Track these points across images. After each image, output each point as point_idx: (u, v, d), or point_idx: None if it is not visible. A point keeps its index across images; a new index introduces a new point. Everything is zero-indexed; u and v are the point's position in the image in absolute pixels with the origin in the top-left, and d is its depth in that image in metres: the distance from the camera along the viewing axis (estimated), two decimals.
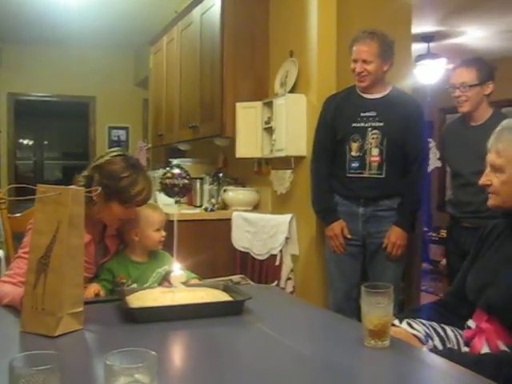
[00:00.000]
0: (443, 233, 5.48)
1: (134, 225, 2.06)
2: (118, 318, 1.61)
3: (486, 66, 2.76)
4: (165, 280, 2.05)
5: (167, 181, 1.83)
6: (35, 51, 6.98)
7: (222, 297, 1.73)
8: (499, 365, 1.34)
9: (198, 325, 1.57)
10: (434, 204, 6.74)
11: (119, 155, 1.99)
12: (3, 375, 0.89)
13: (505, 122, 1.62)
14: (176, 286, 1.74)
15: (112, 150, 2.08)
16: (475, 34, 5.72)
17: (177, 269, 1.79)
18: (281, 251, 3.36)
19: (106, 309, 1.69)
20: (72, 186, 1.69)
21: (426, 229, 5.71)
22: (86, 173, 2.00)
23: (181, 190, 1.84)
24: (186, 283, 1.80)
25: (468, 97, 2.71)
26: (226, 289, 1.81)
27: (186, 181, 1.84)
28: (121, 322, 1.58)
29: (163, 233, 2.11)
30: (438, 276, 5.30)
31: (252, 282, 3.41)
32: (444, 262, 4.46)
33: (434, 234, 6.08)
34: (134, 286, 2.00)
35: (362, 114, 2.85)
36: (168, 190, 1.82)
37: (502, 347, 1.47)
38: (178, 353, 1.46)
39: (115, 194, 1.92)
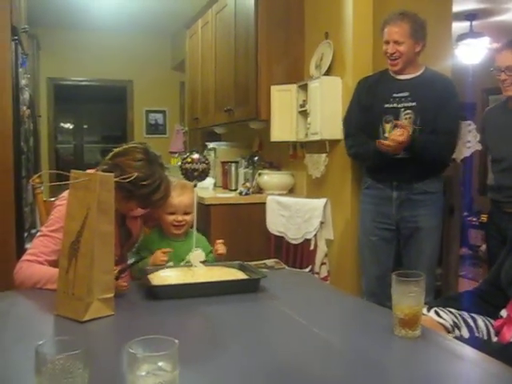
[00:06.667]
0: (484, 217, 5.34)
1: None
2: (142, 294, 1.69)
3: None
4: None
5: (187, 165, 1.85)
6: (73, 36, 7.05)
7: (239, 275, 1.83)
8: None
9: (217, 301, 1.64)
10: (474, 188, 6.57)
11: (142, 159, 1.88)
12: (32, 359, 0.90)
13: None
14: (196, 264, 1.84)
15: (134, 146, 1.95)
16: None
17: (196, 248, 1.88)
18: (315, 236, 3.33)
19: (130, 285, 1.74)
20: (90, 171, 1.71)
21: (466, 213, 5.59)
22: (105, 166, 1.89)
23: (200, 174, 1.87)
24: (205, 262, 1.88)
25: None
26: (241, 268, 1.90)
27: (205, 165, 1.87)
28: (144, 299, 1.65)
29: (179, 217, 2.08)
30: (478, 261, 5.17)
31: (286, 267, 3.41)
32: (484, 247, 4.35)
33: (474, 219, 5.94)
34: (171, 263, 2.03)
35: (395, 95, 2.82)
36: (188, 174, 1.86)
37: None
38: (198, 330, 1.50)
39: (135, 198, 1.88)
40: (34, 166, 4.23)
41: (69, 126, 11.35)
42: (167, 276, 1.78)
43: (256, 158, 4.30)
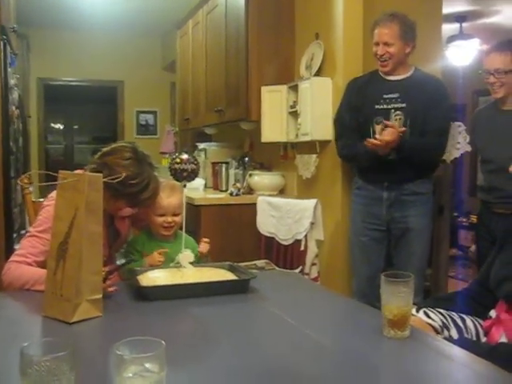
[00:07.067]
0: (473, 218, 5.36)
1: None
2: (131, 295, 1.68)
3: None
4: None
5: (176, 166, 1.84)
6: (63, 36, 7.02)
7: (229, 276, 1.82)
8: None
9: (206, 302, 1.63)
10: (464, 189, 6.60)
11: (130, 157, 1.87)
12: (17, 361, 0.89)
13: None
14: (185, 265, 1.83)
15: (122, 145, 1.94)
16: (510, 13, 5.52)
17: (185, 249, 1.88)
18: (306, 236, 3.33)
19: (118, 286, 1.73)
20: (78, 171, 1.70)
21: (456, 214, 5.60)
22: (93, 165, 1.89)
23: (189, 175, 1.86)
24: (193, 263, 1.88)
25: (503, 82, 2.63)
26: (231, 269, 1.89)
27: (194, 166, 1.87)
28: (133, 300, 1.64)
29: (169, 219, 2.08)
30: (468, 262, 5.18)
31: (277, 267, 3.41)
32: (474, 248, 4.37)
33: (464, 220, 5.96)
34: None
35: (385, 96, 2.83)
36: (177, 174, 1.85)
37: None
38: (187, 331, 1.48)
39: (124, 196, 1.87)
40: (24, 167, 4.20)
41: (59, 126, 11.31)
42: (156, 277, 1.77)
43: (247, 159, 4.29)
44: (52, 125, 10.89)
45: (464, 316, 1.56)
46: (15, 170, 3.55)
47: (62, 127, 11.33)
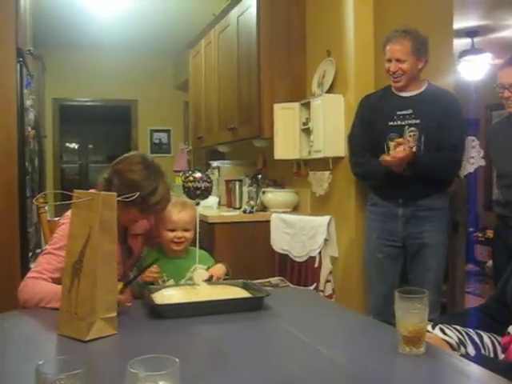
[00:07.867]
0: (489, 233, 5.32)
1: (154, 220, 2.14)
2: (145, 313, 1.68)
3: None
4: None
5: (189, 184, 1.87)
6: (78, 57, 7.13)
7: (243, 294, 1.82)
8: None
9: (220, 320, 1.62)
10: (479, 203, 6.55)
11: (139, 162, 1.95)
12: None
13: None
14: (199, 283, 1.84)
15: (131, 154, 2.03)
16: None
17: (199, 267, 1.90)
18: (320, 253, 3.32)
19: (133, 304, 1.74)
20: (92, 190, 1.73)
21: (471, 229, 5.56)
22: (105, 175, 1.98)
23: (202, 193, 1.89)
24: (208, 281, 1.89)
25: None
26: (245, 286, 1.89)
27: (207, 184, 1.89)
28: (147, 318, 1.64)
29: (179, 234, 2.09)
30: (485, 278, 5.14)
31: (291, 285, 3.39)
32: (490, 263, 4.33)
33: (479, 235, 5.91)
34: (171, 281, 2.04)
35: (399, 113, 2.82)
36: (190, 192, 1.87)
37: None
38: (201, 349, 1.48)
39: (133, 202, 1.87)
40: (39, 186, 4.24)
41: (74, 145, 11.43)
42: (171, 295, 1.78)
43: (260, 176, 4.30)
44: (67, 144, 11.01)
45: (481, 332, 1.54)
46: (31, 189, 3.58)
47: (76, 147, 11.45)
